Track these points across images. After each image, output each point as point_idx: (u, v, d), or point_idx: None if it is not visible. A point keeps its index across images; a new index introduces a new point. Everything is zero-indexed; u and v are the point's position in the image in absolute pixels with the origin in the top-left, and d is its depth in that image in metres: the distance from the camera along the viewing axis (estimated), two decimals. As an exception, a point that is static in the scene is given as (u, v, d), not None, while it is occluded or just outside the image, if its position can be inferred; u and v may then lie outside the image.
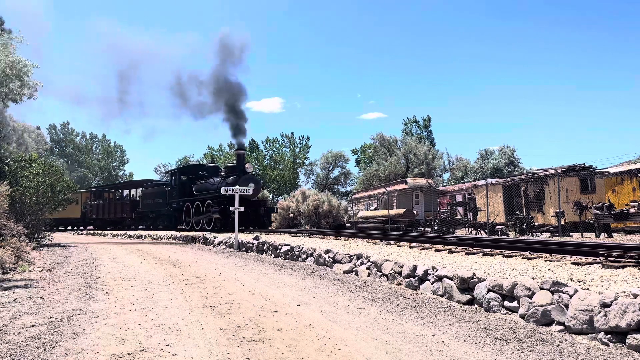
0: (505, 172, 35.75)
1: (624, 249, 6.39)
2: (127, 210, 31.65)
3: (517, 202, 20.33)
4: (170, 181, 26.55)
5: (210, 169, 24.90)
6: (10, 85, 12.91)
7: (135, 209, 30.77)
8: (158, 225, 28.13)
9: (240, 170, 20.88)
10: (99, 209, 35.09)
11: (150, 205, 28.39)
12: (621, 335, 3.80)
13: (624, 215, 13.37)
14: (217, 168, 25.23)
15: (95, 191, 38.69)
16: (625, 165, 18.17)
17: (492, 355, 3.63)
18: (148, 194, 28.96)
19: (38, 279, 7.68)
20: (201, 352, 3.63)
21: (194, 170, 25.77)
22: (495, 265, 6.04)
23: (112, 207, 33.84)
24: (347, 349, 3.76)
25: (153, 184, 30.22)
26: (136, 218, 30.87)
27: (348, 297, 6.05)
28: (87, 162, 63.70)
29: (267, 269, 9.10)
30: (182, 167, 27.99)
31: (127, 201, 32.44)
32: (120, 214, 32.45)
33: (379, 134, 44.12)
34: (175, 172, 26.49)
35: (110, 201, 35.13)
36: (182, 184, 24.93)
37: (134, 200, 31.93)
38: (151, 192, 28.57)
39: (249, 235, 15.36)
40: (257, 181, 21.32)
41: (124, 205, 32.38)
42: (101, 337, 4.04)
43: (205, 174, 24.36)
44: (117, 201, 34.16)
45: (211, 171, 24.49)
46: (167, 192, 26.14)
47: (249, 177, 20.78)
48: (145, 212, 29.05)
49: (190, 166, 27.09)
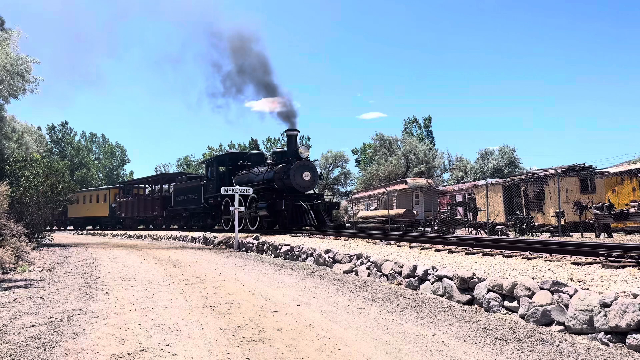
0: (505, 172, 35.74)
1: (624, 249, 6.38)
2: (157, 207, 28.00)
3: (517, 202, 20.32)
4: (205, 173, 22.72)
5: (253, 157, 21.06)
6: (11, 82, 12.97)
7: (166, 207, 26.97)
8: (192, 225, 24.49)
9: (292, 155, 16.98)
10: (127, 207, 31.60)
11: (183, 202, 24.64)
12: (621, 335, 3.80)
13: (624, 215, 13.37)
14: (261, 155, 21.61)
15: (125, 187, 34.80)
16: (625, 165, 18.17)
17: (492, 355, 3.63)
18: (181, 189, 25.00)
19: (38, 279, 7.68)
20: (201, 352, 3.63)
21: (234, 159, 21.54)
22: (495, 265, 6.04)
23: (141, 204, 30.22)
24: (347, 349, 3.76)
25: (186, 177, 26.44)
26: (167, 217, 27.16)
27: (348, 297, 6.05)
28: (88, 162, 63.72)
29: (267, 269, 9.10)
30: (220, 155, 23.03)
31: (157, 198, 28.69)
32: (151, 212, 28.79)
33: (379, 133, 44.10)
34: (212, 161, 22.20)
35: (139, 198, 31.48)
36: (219, 175, 20.94)
37: (166, 196, 27.98)
38: (184, 187, 24.63)
39: (249, 235, 15.35)
40: (314, 169, 17.11)
41: (154, 202, 28.68)
42: (101, 337, 4.04)
43: (248, 163, 20.60)
44: (147, 198, 30.55)
45: (255, 159, 20.77)
46: (203, 186, 22.21)
47: (303, 164, 16.70)
48: (178, 210, 25.30)
49: (230, 154, 22.63)
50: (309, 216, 15.98)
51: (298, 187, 16.32)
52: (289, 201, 15.88)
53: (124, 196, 32.90)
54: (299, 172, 16.33)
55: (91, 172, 62.01)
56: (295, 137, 17.60)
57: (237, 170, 20.67)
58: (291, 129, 17.63)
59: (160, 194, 29.03)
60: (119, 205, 32.72)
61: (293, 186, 16.28)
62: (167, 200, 27.18)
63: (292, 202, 15.99)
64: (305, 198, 16.69)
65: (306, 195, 16.98)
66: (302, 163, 16.65)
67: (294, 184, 16.23)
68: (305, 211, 16.02)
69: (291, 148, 17.38)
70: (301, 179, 16.40)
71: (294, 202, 16.06)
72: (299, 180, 16.36)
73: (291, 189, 16.33)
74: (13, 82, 13.10)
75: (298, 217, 16.03)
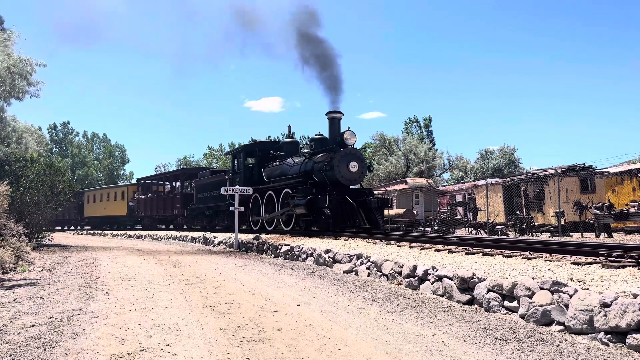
0: (505, 172, 35.74)
1: (624, 249, 6.38)
2: (177, 206, 25.80)
3: (517, 202, 20.33)
4: (231, 166, 20.03)
5: (286, 146, 17.94)
6: (12, 83, 12.97)
7: (188, 205, 24.50)
8: (215, 224, 21.89)
9: (336, 142, 14.45)
10: (146, 205, 29.36)
11: (205, 199, 22.04)
12: (621, 335, 3.80)
13: (624, 215, 13.38)
14: (295, 144, 18.34)
15: (143, 183, 32.06)
16: (625, 165, 18.20)
17: (492, 355, 3.63)
18: (203, 185, 22.40)
19: (38, 278, 7.68)
20: (201, 352, 3.63)
21: (263, 148, 18.76)
22: (495, 265, 6.04)
23: (160, 202, 28.00)
24: (347, 349, 3.76)
25: (209, 171, 23.86)
26: (189, 216, 24.46)
27: (348, 297, 6.06)
28: (88, 161, 63.74)
29: (267, 268, 9.10)
30: (247, 145, 20.05)
31: (177, 195, 26.40)
32: (171, 211, 26.59)
33: (379, 133, 44.09)
34: (238, 152, 19.44)
35: (159, 195, 29.01)
36: (247, 168, 18.42)
37: (187, 193, 25.67)
38: (207, 183, 21.99)
39: (248, 235, 15.35)
40: (362, 159, 14.68)
41: (174, 200, 26.46)
42: (101, 337, 4.04)
43: (280, 154, 17.85)
44: (167, 195, 28.13)
45: (288, 148, 17.71)
46: (228, 181, 19.59)
47: (349, 152, 14.21)
48: (200, 208, 22.62)
49: (259, 143, 19.65)
50: (360, 216, 13.59)
51: (343, 180, 13.93)
52: (333, 197, 13.35)
53: (143, 193, 30.66)
54: (344, 162, 13.95)
55: (90, 172, 62.02)
56: (338, 120, 14.81)
57: (268, 161, 18.06)
58: (334, 111, 14.78)
59: (181, 190, 26.77)
60: (137, 204, 30.56)
61: (337, 179, 13.87)
62: (189, 198, 24.93)
63: (337, 198, 13.44)
64: (354, 194, 14.09)
65: (354, 191, 14.39)
66: (349, 151, 14.16)
67: (338, 176, 13.85)
68: (353, 209, 13.59)
69: (334, 134, 14.69)
70: (347, 170, 13.97)
71: (340, 198, 13.53)
72: (345, 171, 13.94)
73: (335, 182, 13.92)
74: (15, 83, 13.10)
75: (344, 216, 13.58)
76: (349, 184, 14.20)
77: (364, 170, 14.47)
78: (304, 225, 14.63)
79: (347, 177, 13.99)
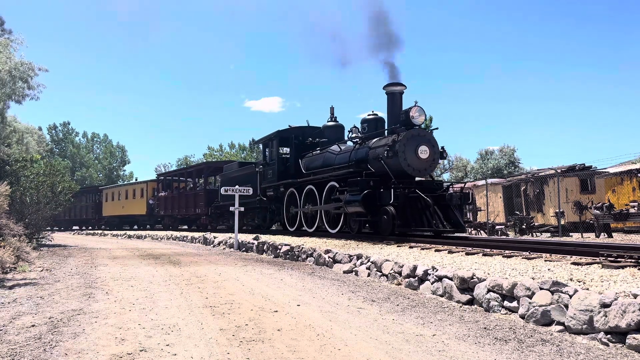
0: (505, 172, 35.75)
1: (624, 249, 6.39)
2: (200, 204, 23.48)
3: (517, 202, 20.33)
4: (263, 157, 17.17)
5: (329, 131, 14.95)
6: (13, 87, 12.99)
7: (212, 202, 22.17)
8: (243, 224, 18.91)
9: (398, 120, 11.47)
10: (167, 203, 27.14)
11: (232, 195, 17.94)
12: (621, 335, 3.80)
13: (624, 215, 13.39)
14: (340, 128, 15.05)
15: (164, 180, 29.45)
16: (625, 165, 18.21)
17: (492, 355, 3.63)
18: (229, 179, 19.61)
19: (38, 278, 7.69)
20: (201, 352, 3.63)
21: (300, 135, 15.87)
22: (495, 265, 6.04)
23: (182, 200, 25.77)
24: (347, 349, 3.76)
25: (236, 164, 21.04)
26: (213, 214, 22.34)
27: (348, 297, 6.06)
28: (88, 161, 63.73)
29: (267, 269, 9.10)
30: (282, 130, 16.20)
31: (200, 192, 24.03)
32: (193, 209, 24.26)
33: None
34: (271, 140, 16.36)
35: (180, 192, 26.67)
36: (281, 159, 15.72)
37: (211, 190, 23.49)
38: (233, 177, 19.18)
39: (248, 236, 15.33)
40: (434, 143, 11.43)
41: (196, 198, 24.10)
42: (101, 337, 4.04)
43: (320, 140, 15.10)
44: (189, 192, 25.66)
45: (332, 134, 14.79)
46: (258, 174, 16.83)
47: (418, 134, 11.20)
48: (225, 205, 19.60)
49: (295, 129, 16.21)
50: (437, 215, 10.57)
51: (410, 169, 10.96)
52: (400, 191, 10.46)
53: (164, 189, 28.34)
54: (411, 147, 10.91)
55: (90, 172, 62.03)
56: (400, 95, 11.81)
57: (306, 150, 15.35)
58: (394, 83, 11.79)
59: (204, 187, 24.60)
60: (157, 202, 28.40)
61: (403, 168, 10.90)
62: (213, 195, 22.46)
63: (404, 193, 10.54)
64: (424, 188, 10.98)
65: (419, 183, 11.34)
66: (417, 132, 11.13)
67: (404, 165, 10.89)
68: (424, 207, 10.55)
69: (394, 112, 11.68)
70: (415, 157, 10.96)
71: (409, 193, 10.66)
72: (412, 159, 10.94)
73: (399, 172, 10.91)
74: (15, 87, 13.11)
75: (414, 216, 10.52)
76: (417, 175, 11.37)
77: (436, 157, 11.41)
78: (356, 227, 12.03)
79: (415, 165, 11.04)
